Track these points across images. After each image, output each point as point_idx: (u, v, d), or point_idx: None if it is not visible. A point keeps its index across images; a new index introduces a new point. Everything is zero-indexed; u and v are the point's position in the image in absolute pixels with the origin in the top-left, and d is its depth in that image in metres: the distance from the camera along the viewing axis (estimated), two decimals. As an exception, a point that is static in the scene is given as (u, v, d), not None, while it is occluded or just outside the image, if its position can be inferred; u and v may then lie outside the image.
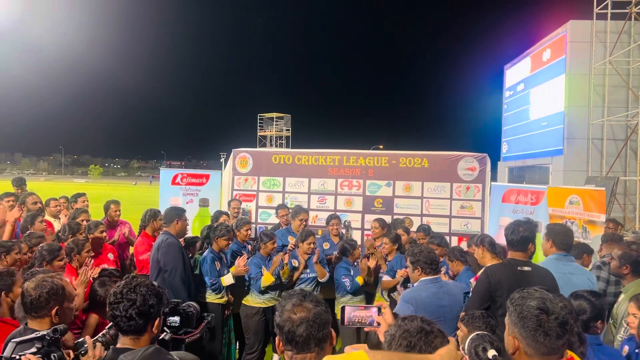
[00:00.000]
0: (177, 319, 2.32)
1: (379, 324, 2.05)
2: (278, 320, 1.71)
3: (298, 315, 1.68)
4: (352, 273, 5.43)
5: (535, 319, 1.73)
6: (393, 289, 5.22)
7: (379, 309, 2.11)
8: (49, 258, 3.83)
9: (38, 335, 2.00)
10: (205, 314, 2.77)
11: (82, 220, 5.15)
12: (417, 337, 1.48)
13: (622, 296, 3.60)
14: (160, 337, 2.22)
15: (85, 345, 2.26)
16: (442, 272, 4.68)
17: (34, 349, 1.92)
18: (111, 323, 2.51)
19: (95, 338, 2.40)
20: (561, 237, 3.92)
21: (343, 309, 2.14)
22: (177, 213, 5.05)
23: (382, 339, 2.04)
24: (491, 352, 2.38)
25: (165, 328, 2.30)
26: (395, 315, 2.06)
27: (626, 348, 2.97)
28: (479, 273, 3.97)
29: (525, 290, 1.85)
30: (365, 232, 7.41)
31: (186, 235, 5.53)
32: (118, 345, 2.12)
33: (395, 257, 5.41)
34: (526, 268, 3.42)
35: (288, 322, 1.67)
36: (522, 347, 1.77)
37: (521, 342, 1.77)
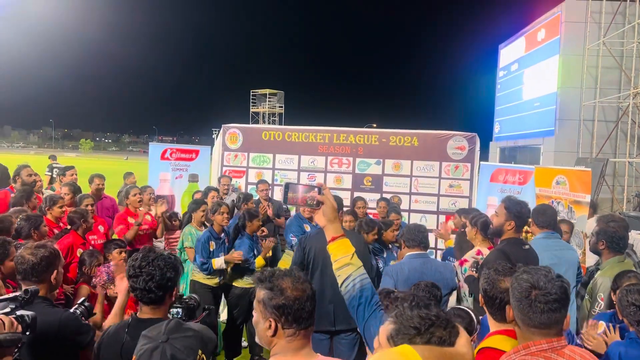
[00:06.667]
0: (179, 310, 2.41)
1: (319, 204, 2.01)
2: (283, 302, 1.65)
3: (306, 292, 1.69)
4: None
5: (525, 292, 1.82)
6: None
7: (320, 189, 2.03)
8: (33, 225, 3.85)
9: (10, 296, 2.00)
10: (206, 306, 2.80)
11: (87, 206, 5.03)
12: (447, 332, 1.33)
13: (599, 272, 3.66)
14: None
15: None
16: None
17: (7, 309, 1.91)
18: (83, 297, 2.59)
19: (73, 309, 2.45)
20: (541, 216, 3.93)
21: (287, 185, 2.03)
22: None
23: (319, 222, 2.02)
24: None
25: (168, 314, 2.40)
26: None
27: (602, 323, 3.03)
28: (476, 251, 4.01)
29: (530, 266, 1.95)
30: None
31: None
32: (139, 315, 2.19)
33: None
34: (527, 246, 3.46)
35: (297, 301, 1.66)
36: (515, 317, 1.90)
37: (514, 312, 1.90)
